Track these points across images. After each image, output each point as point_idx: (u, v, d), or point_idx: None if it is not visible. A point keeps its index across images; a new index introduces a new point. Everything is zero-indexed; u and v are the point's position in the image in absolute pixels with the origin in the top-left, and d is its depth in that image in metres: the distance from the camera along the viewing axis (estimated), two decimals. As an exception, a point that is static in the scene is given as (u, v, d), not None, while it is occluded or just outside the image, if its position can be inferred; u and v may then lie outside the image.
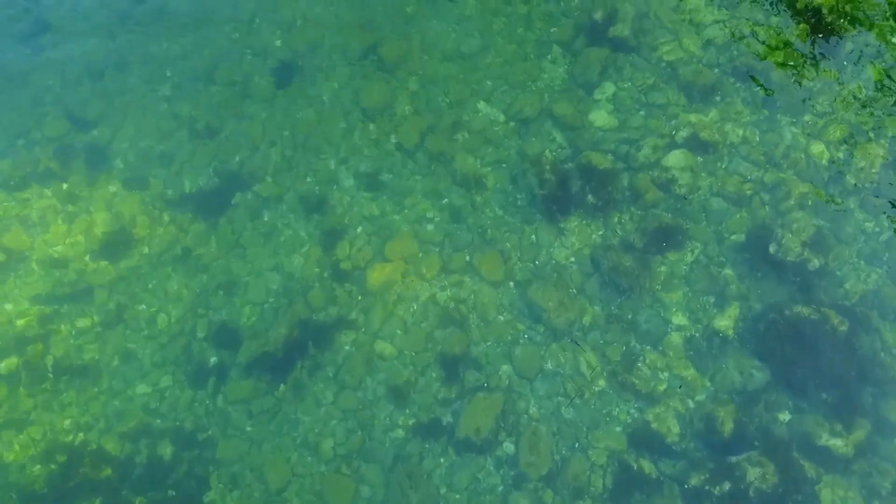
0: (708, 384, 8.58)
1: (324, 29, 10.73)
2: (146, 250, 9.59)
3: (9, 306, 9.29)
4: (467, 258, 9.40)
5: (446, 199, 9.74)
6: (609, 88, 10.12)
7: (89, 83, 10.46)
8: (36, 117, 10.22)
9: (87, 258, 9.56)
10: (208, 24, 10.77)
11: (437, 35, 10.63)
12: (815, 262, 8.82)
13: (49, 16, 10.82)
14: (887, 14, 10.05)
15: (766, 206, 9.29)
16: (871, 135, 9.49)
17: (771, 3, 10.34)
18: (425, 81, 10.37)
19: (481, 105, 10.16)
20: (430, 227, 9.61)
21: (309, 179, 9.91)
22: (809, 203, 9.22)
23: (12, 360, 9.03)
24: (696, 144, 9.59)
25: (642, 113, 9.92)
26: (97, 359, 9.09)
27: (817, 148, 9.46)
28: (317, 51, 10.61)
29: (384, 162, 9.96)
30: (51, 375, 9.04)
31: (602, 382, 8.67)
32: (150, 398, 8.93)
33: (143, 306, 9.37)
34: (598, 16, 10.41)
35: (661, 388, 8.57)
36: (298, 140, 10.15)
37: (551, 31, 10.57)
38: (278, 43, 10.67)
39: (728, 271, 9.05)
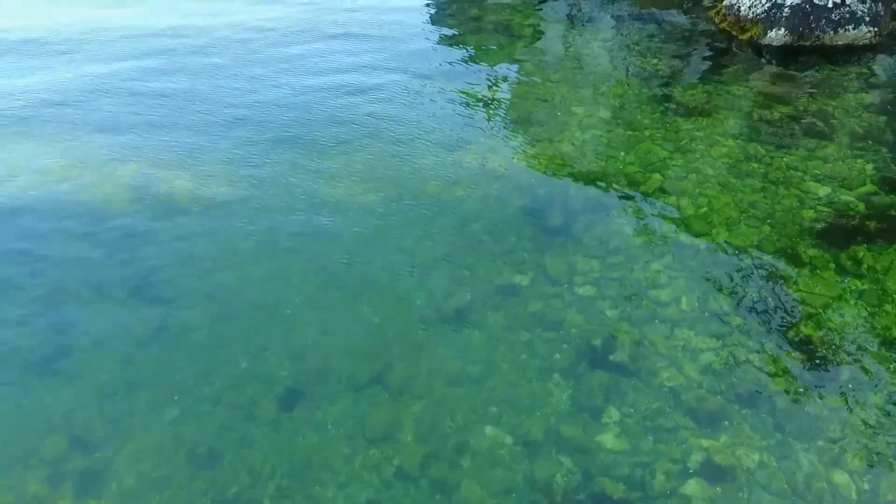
0: None
1: (333, 356, 11.12)
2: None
3: None
4: None
5: (451, 537, 9.01)
6: (614, 413, 10.10)
7: (98, 404, 10.51)
8: (38, 437, 10.05)
9: None
10: (221, 354, 11.21)
11: (443, 361, 10.98)
12: None
13: (72, 342, 11.37)
14: (879, 342, 10.48)
15: (802, 548, 8.55)
16: (893, 461, 9.12)
17: (761, 333, 10.88)
18: (430, 406, 10.40)
19: (487, 429, 10.04)
20: (432, 566, 8.76)
21: (305, 510, 9.36)
22: (848, 546, 8.49)
23: None
24: (713, 471, 9.17)
25: (651, 437, 9.73)
26: None
27: (840, 477, 9.02)
28: (324, 379, 10.84)
29: (384, 492, 9.45)
30: None
31: None
32: None
33: None
34: (596, 343, 10.94)
35: None
36: (298, 467, 9.80)
37: (553, 356, 10.97)
38: (285, 373, 10.93)
39: None
